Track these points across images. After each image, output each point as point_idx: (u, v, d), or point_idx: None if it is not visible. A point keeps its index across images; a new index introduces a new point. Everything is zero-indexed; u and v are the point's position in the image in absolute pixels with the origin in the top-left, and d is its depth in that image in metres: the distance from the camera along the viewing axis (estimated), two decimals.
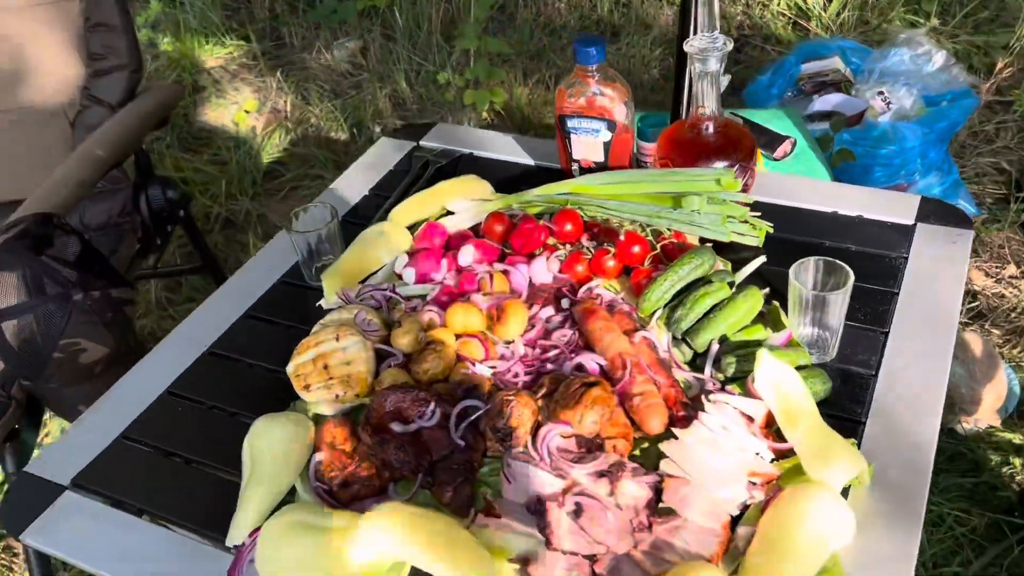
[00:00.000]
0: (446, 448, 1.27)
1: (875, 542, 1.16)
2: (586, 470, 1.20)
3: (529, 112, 4.33)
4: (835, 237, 1.68)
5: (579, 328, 1.44)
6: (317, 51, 4.91)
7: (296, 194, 3.96)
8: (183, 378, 1.55)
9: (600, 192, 1.63)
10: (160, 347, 1.62)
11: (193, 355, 1.59)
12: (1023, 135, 3.91)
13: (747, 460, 1.22)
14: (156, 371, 1.57)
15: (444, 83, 4.23)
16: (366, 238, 1.68)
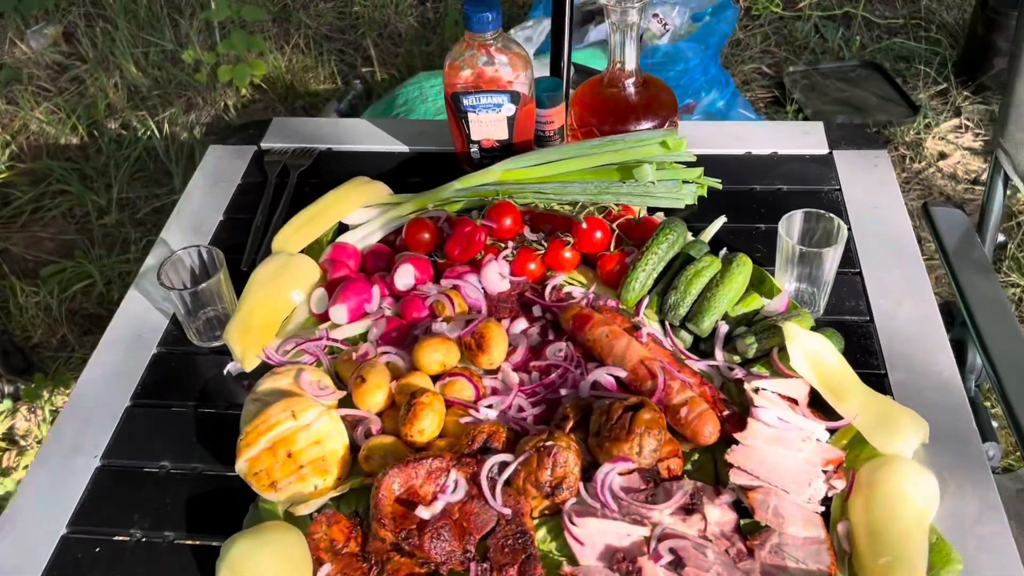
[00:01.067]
0: (488, 521, 1.06)
1: (957, 500, 1.11)
2: (668, 509, 1.04)
3: (291, 79, 3.95)
4: (761, 179, 1.60)
5: (573, 338, 1.26)
6: (9, 44, 4.16)
7: (40, 219, 3.36)
8: (80, 514, 1.18)
9: (533, 176, 1.43)
10: (33, 473, 1.24)
11: (82, 474, 1.22)
12: (777, 37, 4.12)
13: (814, 449, 1.12)
14: (43, 505, 1.20)
15: (191, 62, 3.73)
16: (262, 277, 1.38)
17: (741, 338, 1.23)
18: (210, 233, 1.59)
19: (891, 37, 4.12)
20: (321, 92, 3.95)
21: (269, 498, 1.13)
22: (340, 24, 4.37)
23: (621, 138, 1.40)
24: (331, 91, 3.97)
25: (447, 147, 1.73)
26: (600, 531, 1.04)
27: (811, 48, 4.11)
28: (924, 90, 3.80)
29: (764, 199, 1.56)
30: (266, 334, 1.32)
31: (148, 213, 3.37)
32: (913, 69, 3.92)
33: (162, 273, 1.33)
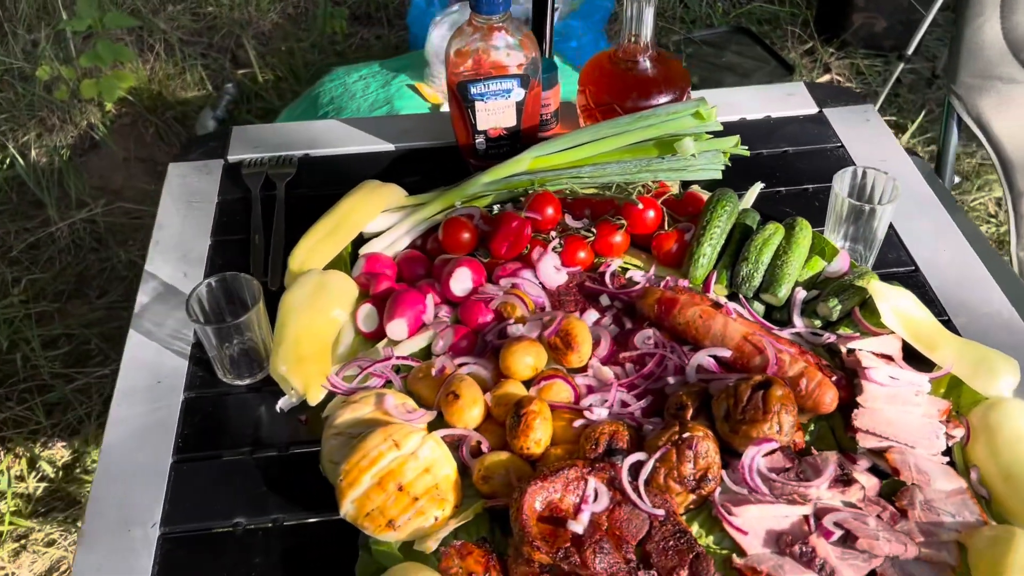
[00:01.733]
0: (642, 526, 1.00)
1: None
2: (824, 483, 1.02)
3: (158, 89, 3.67)
4: (764, 144, 1.60)
5: (658, 323, 1.21)
6: None
7: None
8: None
9: (565, 161, 1.37)
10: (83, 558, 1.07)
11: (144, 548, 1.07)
12: None
13: (927, 402, 1.12)
14: None
15: (46, 79, 3.38)
16: (298, 300, 1.25)
17: (823, 301, 1.22)
18: (202, 259, 1.43)
19: (751, 1, 4.27)
20: (192, 100, 3.70)
21: (386, 538, 1.02)
22: (196, 27, 4.09)
23: (652, 113, 1.36)
24: (202, 98, 3.72)
25: (438, 141, 1.64)
26: (759, 517, 1.01)
27: (679, 17, 4.21)
28: (793, 49, 3.96)
29: (774, 163, 1.56)
30: (322, 361, 1.20)
31: (24, 250, 3.04)
32: (779, 31, 4.09)
33: (190, 307, 1.18)
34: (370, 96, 2.29)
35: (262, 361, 1.24)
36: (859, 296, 1.23)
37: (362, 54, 3.96)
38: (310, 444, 1.17)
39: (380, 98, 2.26)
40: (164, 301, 1.36)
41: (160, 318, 1.33)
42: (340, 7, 4.05)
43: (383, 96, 2.27)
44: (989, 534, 0.98)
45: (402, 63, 2.43)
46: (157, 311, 1.35)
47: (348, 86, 2.36)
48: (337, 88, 2.37)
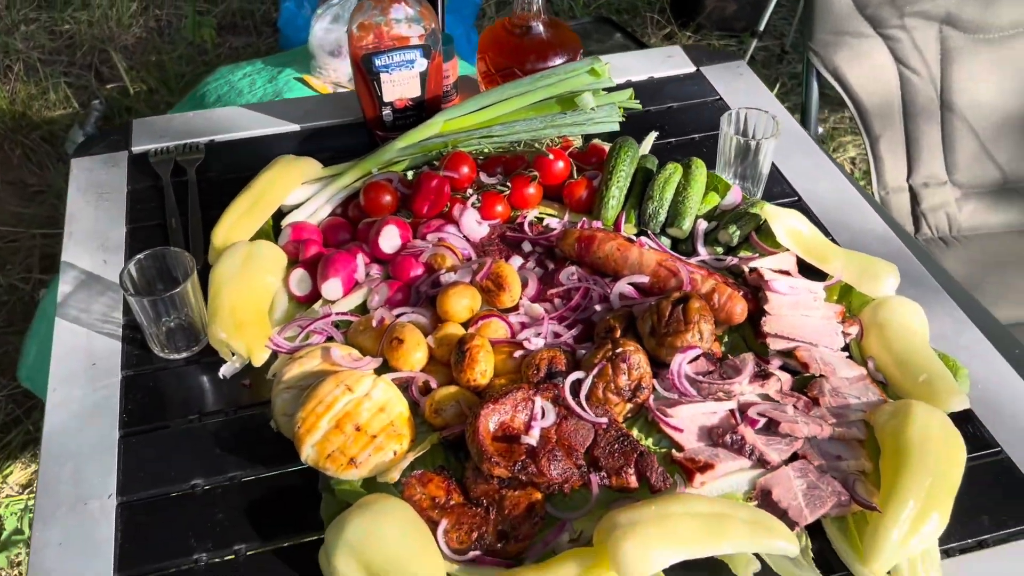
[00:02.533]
0: (588, 435, 1.08)
1: (935, 321, 1.28)
2: (746, 379, 1.13)
3: (21, 110, 3.54)
4: (651, 102, 1.72)
5: (579, 260, 1.29)
6: None
7: None
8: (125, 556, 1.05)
9: (475, 122, 1.44)
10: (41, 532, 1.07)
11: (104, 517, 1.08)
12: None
13: (823, 306, 1.25)
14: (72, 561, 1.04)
15: None
16: (229, 270, 1.27)
17: (723, 229, 1.34)
18: (120, 246, 1.43)
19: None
20: (58, 119, 3.58)
21: (348, 476, 1.07)
22: (54, 45, 3.97)
23: (551, 72, 1.45)
24: (69, 116, 3.61)
25: (342, 119, 1.68)
26: (691, 416, 1.11)
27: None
28: (653, 35, 4.17)
29: (661, 118, 1.68)
30: (261, 325, 1.23)
31: None
32: (639, 18, 4.28)
33: (123, 281, 1.20)
34: (258, 91, 2.30)
35: (198, 334, 1.26)
36: (754, 222, 1.35)
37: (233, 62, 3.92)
38: (257, 406, 1.20)
39: (269, 92, 2.28)
40: (87, 287, 1.36)
41: (85, 304, 1.33)
42: (207, 16, 4.00)
43: (272, 90, 2.29)
44: (890, 409, 1.10)
45: (285, 59, 2.45)
46: (81, 298, 1.34)
47: (234, 84, 2.36)
48: (223, 87, 2.37)
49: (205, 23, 3.81)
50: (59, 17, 4.04)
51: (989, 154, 2.12)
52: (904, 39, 2.06)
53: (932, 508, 1.00)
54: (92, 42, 3.93)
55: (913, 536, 0.99)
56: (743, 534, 0.96)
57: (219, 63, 3.92)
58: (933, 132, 2.11)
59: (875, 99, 2.07)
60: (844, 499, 1.03)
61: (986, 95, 2.10)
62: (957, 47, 2.08)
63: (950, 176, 2.13)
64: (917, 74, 2.07)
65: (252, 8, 4.17)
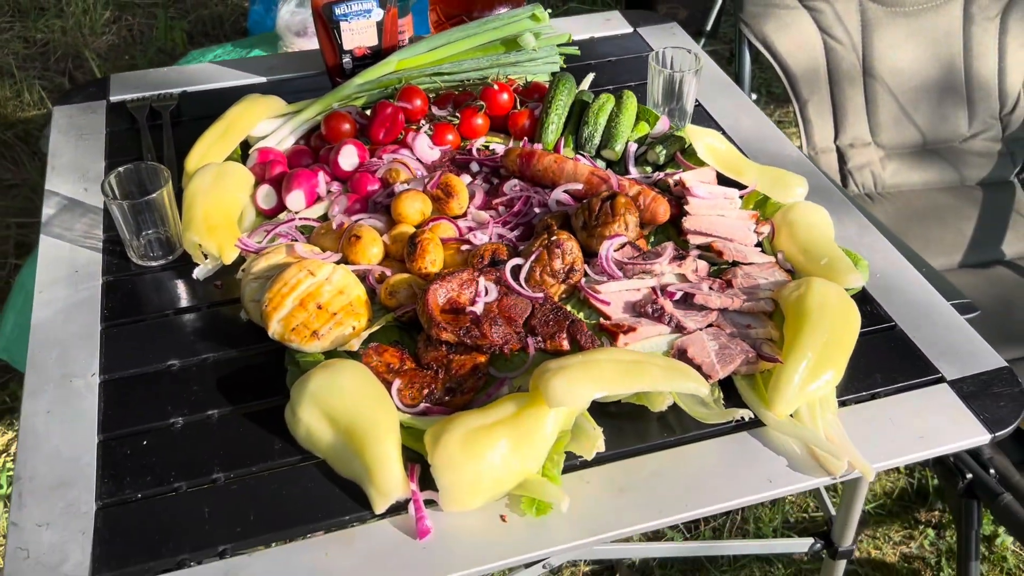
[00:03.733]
0: (526, 308, 1.21)
1: (842, 224, 1.43)
2: (665, 260, 1.26)
3: None
4: (591, 57, 1.87)
5: (521, 174, 1.43)
6: None
7: None
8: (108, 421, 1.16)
9: (427, 61, 1.59)
10: (30, 404, 1.18)
11: (88, 392, 1.19)
12: None
13: (739, 211, 1.39)
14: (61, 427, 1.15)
15: None
16: (202, 186, 1.40)
17: (651, 149, 1.49)
18: (99, 177, 1.55)
19: (566, 3, 4.65)
20: (33, 119, 3.69)
21: (312, 348, 1.19)
22: (28, 52, 4.08)
23: (496, 17, 1.60)
24: (43, 116, 3.71)
25: (306, 71, 1.82)
26: (617, 292, 1.24)
27: None
28: None
29: (600, 70, 1.83)
30: (231, 229, 1.35)
31: None
32: None
33: (106, 185, 1.32)
34: None
35: (174, 245, 1.38)
36: (679, 144, 1.50)
37: None
38: (228, 304, 1.32)
39: None
40: (69, 211, 1.48)
41: (68, 223, 1.45)
42: (179, 21, 4.14)
43: None
44: (793, 284, 1.25)
45: (253, 41, 2.59)
46: (64, 219, 1.46)
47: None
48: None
49: (176, 26, 3.94)
50: (33, 26, 4.15)
51: (909, 117, 2.30)
52: (827, 11, 2.24)
53: (827, 358, 1.14)
54: (66, 48, 4.04)
55: (811, 382, 1.13)
56: (658, 377, 1.09)
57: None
58: (857, 97, 2.28)
59: (802, 66, 2.24)
60: (751, 356, 1.17)
61: (904, 63, 2.28)
62: (876, 18, 2.26)
63: (874, 138, 2.30)
64: (840, 43, 2.25)
65: (223, 16, 4.31)
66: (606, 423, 1.10)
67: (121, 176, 1.35)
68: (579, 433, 1.09)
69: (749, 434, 1.13)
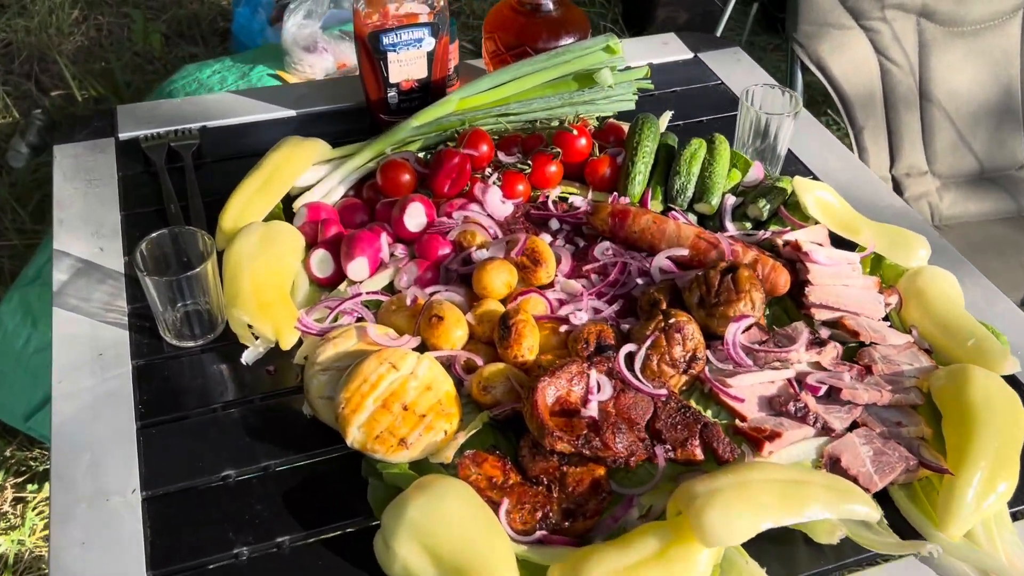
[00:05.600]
0: (647, 408, 1.04)
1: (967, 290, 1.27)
2: (802, 347, 1.10)
3: None
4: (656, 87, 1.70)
5: (612, 236, 1.26)
6: None
7: None
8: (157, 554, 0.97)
9: (492, 99, 1.40)
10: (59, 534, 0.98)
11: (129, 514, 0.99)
12: None
13: (861, 277, 1.23)
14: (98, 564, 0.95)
15: None
16: (247, 251, 1.20)
17: (752, 203, 1.32)
18: (116, 232, 1.34)
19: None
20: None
21: (399, 459, 1.01)
22: None
23: (567, 49, 1.42)
24: (9, 125, 3.44)
25: (340, 104, 1.62)
26: (750, 385, 1.07)
27: None
28: None
29: (667, 102, 1.66)
30: (287, 307, 1.16)
31: None
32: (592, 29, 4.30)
33: (138, 257, 1.12)
34: (229, 88, 2.21)
35: (214, 320, 1.18)
36: (782, 196, 1.33)
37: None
38: (284, 393, 1.13)
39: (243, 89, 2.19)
40: (85, 275, 1.27)
41: (85, 292, 1.24)
42: (155, 23, 3.88)
43: (245, 87, 2.21)
44: (945, 373, 1.09)
45: (256, 55, 2.37)
46: (80, 286, 1.25)
47: (203, 81, 2.27)
48: (191, 84, 2.28)
49: (153, 28, 3.69)
50: None
51: (966, 144, 2.16)
52: (884, 31, 2.09)
53: (1002, 468, 0.99)
54: (31, 50, 3.77)
55: (987, 497, 0.97)
56: (823, 500, 0.93)
57: (167, 72, 3.80)
58: (913, 122, 2.14)
59: (858, 89, 2.09)
60: (912, 464, 1.01)
61: (962, 85, 2.14)
62: (934, 39, 2.12)
63: (930, 166, 2.16)
64: (897, 65, 2.10)
65: (200, 16, 4.06)
66: (748, 549, 0.94)
67: (153, 243, 1.15)
68: (730, 568, 0.92)
69: (916, 559, 0.97)
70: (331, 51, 2.26)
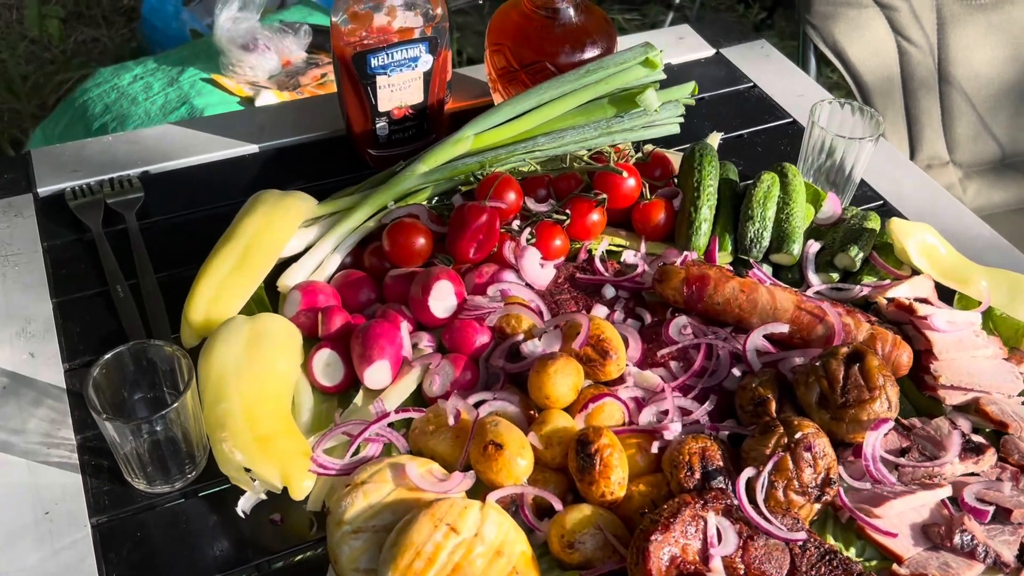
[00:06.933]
0: (783, 557, 0.81)
1: None
2: (954, 457, 0.88)
3: None
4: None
5: (687, 307, 1.01)
6: None
7: None
8: None
9: (515, 133, 1.13)
10: None
11: None
12: None
13: (987, 340, 1.02)
14: None
15: None
16: (229, 359, 0.92)
17: (843, 252, 1.09)
18: (50, 329, 1.04)
19: None
20: None
21: None
22: None
23: (599, 66, 1.16)
24: None
25: (310, 134, 1.33)
26: (899, 513, 0.85)
27: None
28: None
29: (698, 112, 1.41)
30: (294, 438, 0.89)
31: None
32: None
33: (91, 391, 0.83)
34: (157, 98, 1.88)
35: (193, 453, 0.91)
36: (872, 238, 1.11)
37: (84, 59, 3.39)
38: (299, 550, 0.86)
39: (172, 98, 1.86)
40: (13, 396, 0.97)
41: (17, 421, 0.95)
42: (50, 6, 3.44)
43: (175, 95, 1.88)
44: None
45: (184, 55, 2.03)
46: (8, 413, 0.96)
47: (123, 90, 1.93)
48: (109, 93, 1.93)
49: (51, 13, 3.25)
50: None
51: (988, 128, 1.98)
52: (902, 8, 1.88)
53: None
54: None
55: None
56: None
57: (67, 59, 3.38)
58: (933, 108, 1.94)
59: (875, 75, 1.88)
60: None
61: (982, 64, 1.95)
62: (953, 15, 1.92)
63: (951, 155, 1.97)
64: (916, 45, 1.90)
65: None
66: None
67: (110, 367, 0.87)
68: None
69: None
70: (273, 47, 1.94)
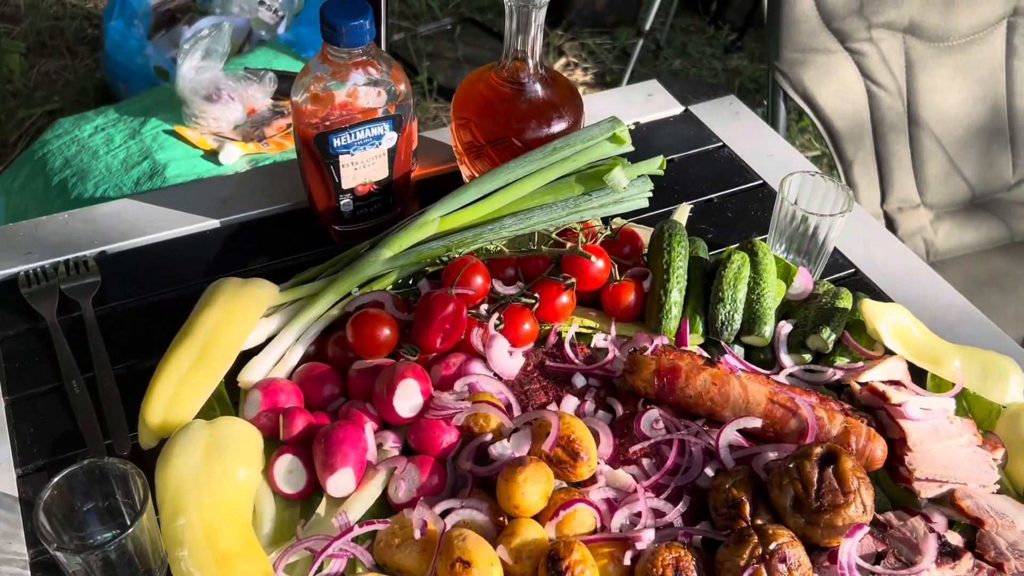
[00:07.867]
0: None
1: None
2: (929, 563, 0.87)
3: None
4: (647, 152, 1.44)
5: (659, 399, 0.99)
6: None
7: None
8: None
9: (481, 214, 1.11)
10: None
11: None
12: None
13: (961, 426, 1.01)
14: None
15: None
16: (189, 473, 0.89)
17: (815, 333, 1.08)
18: (2, 428, 1.01)
19: None
20: None
21: None
22: None
23: (566, 143, 1.14)
24: None
25: (275, 206, 1.30)
26: None
27: (399, 12, 3.98)
28: None
29: (668, 174, 1.39)
30: (255, 558, 0.86)
31: None
32: (501, 18, 3.98)
33: (41, 518, 0.80)
34: (119, 152, 1.84)
35: (150, 569, 0.88)
36: (844, 318, 1.09)
37: (47, 92, 3.33)
38: None
39: (134, 152, 1.82)
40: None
41: None
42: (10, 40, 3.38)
43: (137, 149, 1.83)
44: None
45: (144, 104, 1.99)
46: None
47: (83, 142, 1.89)
48: (68, 146, 1.89)
49: (12, 47, 3.20)
50: None
51: (958, 169, 1.99)
52: (871, 52, 1.87)
53: None
54: None
55: None
56: None
57: (30, 93, 3.32)
58: (903, 151, 1.94)
59: (845, 120, 1.87)
60: None
61: (950, 106, 1.95)
62: (920, 57, 1.92)
63: (922, 197, 1.97)
64: (884, 89, 1.90)
65: (63, 26, 3.57)
66: None
67: (63, 489, 0.83)
68: None
69: None
70: (238, 97, 1.91)
